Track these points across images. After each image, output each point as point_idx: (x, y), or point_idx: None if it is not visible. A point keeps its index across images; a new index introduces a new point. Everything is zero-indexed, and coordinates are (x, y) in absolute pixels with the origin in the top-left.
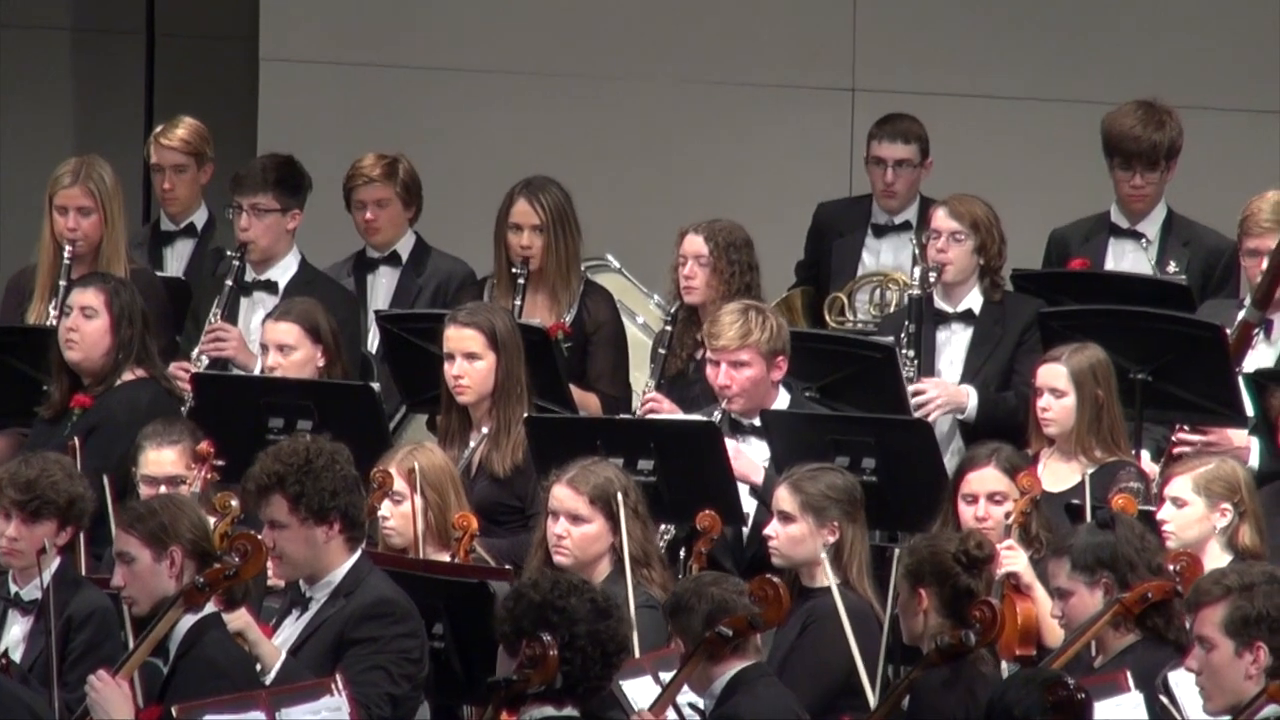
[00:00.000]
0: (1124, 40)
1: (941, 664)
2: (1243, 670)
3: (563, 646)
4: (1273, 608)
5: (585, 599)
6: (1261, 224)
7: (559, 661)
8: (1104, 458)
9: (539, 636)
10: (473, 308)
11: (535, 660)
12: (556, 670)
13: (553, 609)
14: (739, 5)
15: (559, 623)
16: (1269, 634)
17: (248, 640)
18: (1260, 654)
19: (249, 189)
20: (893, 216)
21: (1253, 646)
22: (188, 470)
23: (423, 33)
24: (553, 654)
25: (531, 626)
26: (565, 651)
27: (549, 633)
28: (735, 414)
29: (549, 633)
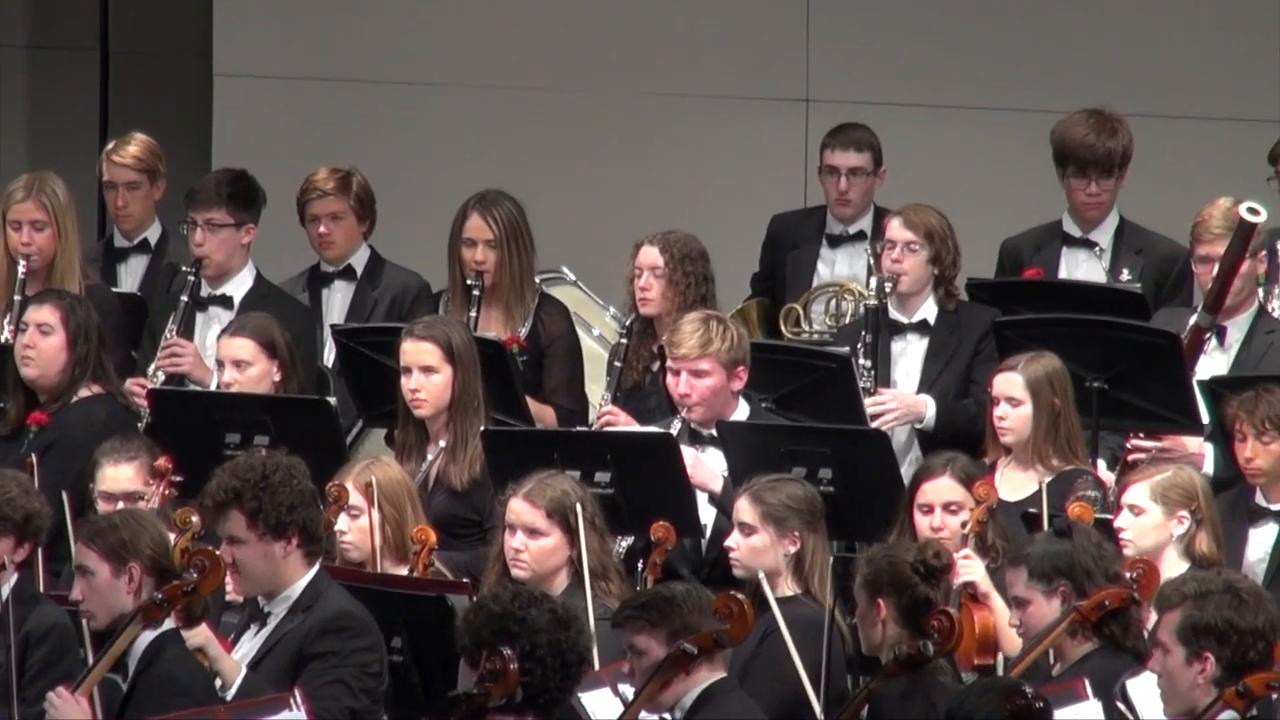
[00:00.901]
0: (1073, 50)
1: (900, 674)
2: (1192, 679)
3: (523, 657)
4: (1222, 620)
5: (545, 610)
6: (1213, 230)
7: (520, 674)
8: (1061, 466)
9: (499, 649)
10: (428, 321)
11: (496, 673)
12: (517, 683)
13: (513, 620)
14: (692, 17)
15: (520, 634)
16: (1217, 645)
17: (208, 656)
18: (1207, 665)
19: (203, 204)
20: (847, 226)
21: (1200, 656)
22: (145, 486)
23: (376, 47)
24: (513, 667)
25: (492, 638)
26: (526, 663)
27: (509, 645)
28: (695, 424)
29: (509, 645)
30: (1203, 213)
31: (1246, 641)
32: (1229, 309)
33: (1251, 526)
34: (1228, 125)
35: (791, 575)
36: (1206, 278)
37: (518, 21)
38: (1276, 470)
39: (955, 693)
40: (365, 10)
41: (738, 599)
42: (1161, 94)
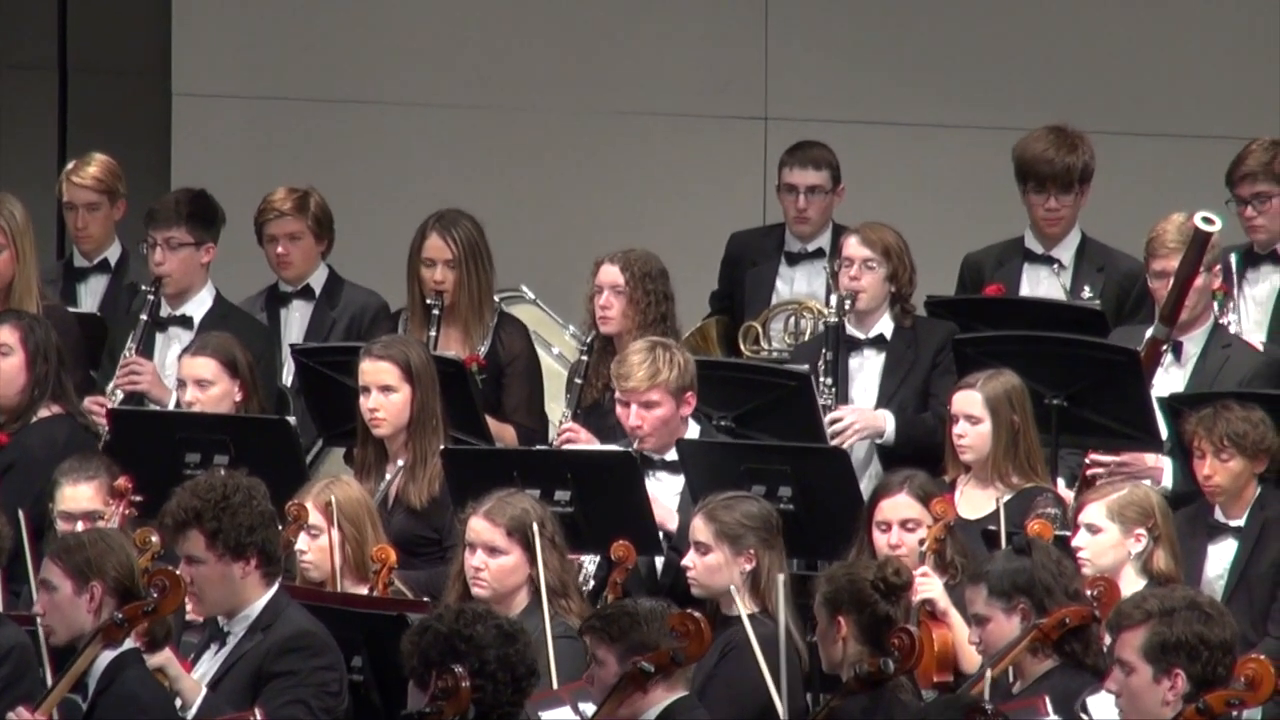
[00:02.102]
0: (1034, 67)
1: (861, 692)
2: (1160, 696)
3: (474, 674)
4: (1191, 635)
5: (491, 625)
6: (1167, 244)
7: (471, 691)
8: (1020, 484)
9: (450, 668)
10: (387, 340)
11: (448, 691)
12: (470, 701)
13: (460, 638)
14: (650, 35)
15: (468, 651)
16: (1187, 661)
17: (168, 676)
18: (1178, 681)
19: (162, 223)
20: (806, 244)
21: (1170, 673)
22: (105, 506)
23: (335, 66)
24: (465, 685)
25: (440, 658)
26: (477, 679)
27: (459, 663)
28: (646, 451)
29: (459, 663)
30: (1157, 228)
31: (1216, 656)
32: (1185, 324)
33: (1210, 543)
34: (1191, 142)
35: (748, 593)
36: (1162, 293)
37: (477, 41)
38: (1235, 487)
39: (916, 710)
40: (325, 29)
41: (694, 617)
42: (1124, 111)
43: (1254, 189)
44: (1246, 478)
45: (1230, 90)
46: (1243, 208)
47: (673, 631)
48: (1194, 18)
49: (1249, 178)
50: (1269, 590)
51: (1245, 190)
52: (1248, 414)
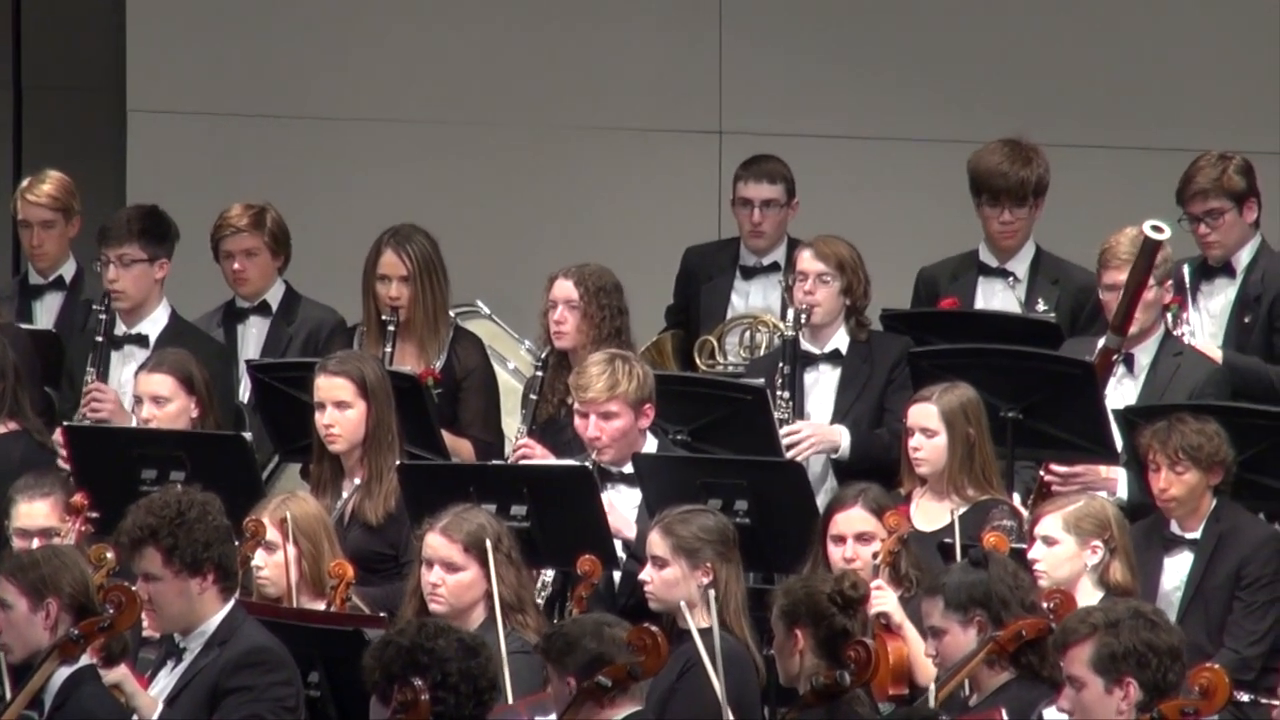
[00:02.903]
0: (987, 80)
1: (817, 704)
2: (1114, 707)
3: (436, 686)
4: (1139, 643)
5: (453, 639)
6: (1120, 256)
7: (432, 704)
8: (976, 496)
9: (409, 680)
10: (342, 356)
11: (407, 705)
12: (429, 713)
13: (422, 651)
14: (605, 49)
15: (430, 664)
16: (1137, 669)
17: (124, 692)
18: (1130, 689)
19: (115, 240)
20: (761, 258)
21: (1122, 682)
22: (61, 522)
23: (290, 82)
24: (424, 697)
25: (402, 671)
26: (439, 691)
27: (420, 676)
28: (604, 463)
29: (420, 676)
30: (1109, 240)
31: (1165, 662)
32: (1135, 336)
33: (1166, 555)
34: (1145, 155)
35: (705, 607)
36: (1114, 304)
37: (431, 57)
38: (1190, 500)
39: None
40: (280, 46)
41: (651, 631)
42: (1079, 124)
43: (1205, 206)
44: (1201, 490)
45: (1184, 103)
46: (1196, 225)
47: (630, 645)
48: (1148, 32)
49: (1200, 195)
50: (1225, 603)
51: (1197, 208)
52: (1202, 426)
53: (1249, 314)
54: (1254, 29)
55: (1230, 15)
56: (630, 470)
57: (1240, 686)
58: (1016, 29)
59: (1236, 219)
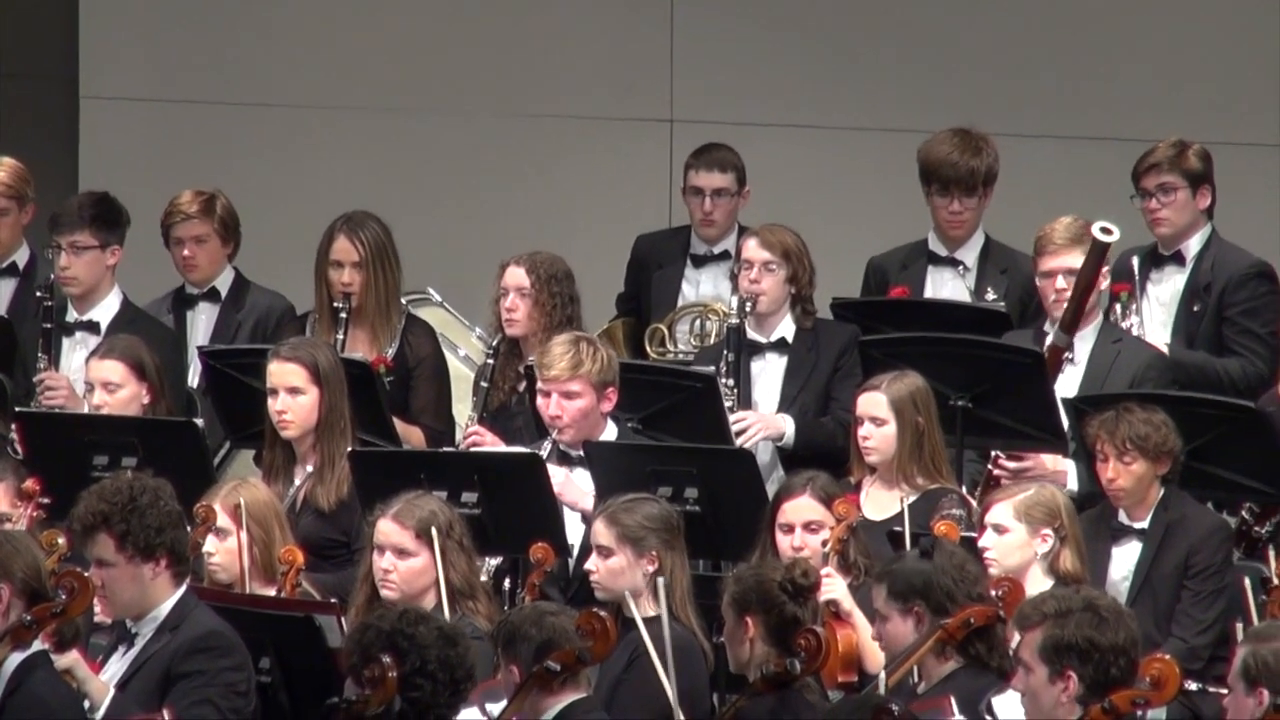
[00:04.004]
0: (937, 70)
1: (768, 692)
2: (1056, 697)
3: (414, 673)
4: (1082, 638)
5: (433, 627)
6: (1055, 242)
7: (401, 683)
8: (926, 485)
9: (379, 659)
10: (295, 342)
11: (375, 680)
12: (396, 691)
13: (402, 636)
14: (556, 38)
15: (408, 650)
16: (1078, 663)
17: (76, 677)
18: (1070, 682)
19: (66, 227)
20: (711, 246)
21: (1064, 674)
22: (13, 508)
23: (242, 70)
24: (392, 675)
25: (380, 654)
26: (416, 678)
27: (393, 658)
28: (564, 445)
29: (393, 658)
30: (1045, 228)
31: (1108, 659)
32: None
33: (1114, 544)
34: (1093, 145)
35: (652, 595)
36: (1049, 290)
37: (382, 44)
38: (1138, 490)
39: (823, 710)
40: (232, 33)
41: (600, 616)
42: (1028, 114)
43: (1159, 180)
44: (1149, 480)
45: (1132, 94)
46: (1147, 200)
47: (578, 630)
48: (1097, 23)
49: (1155, 169)
50: (1173, 592)
51: (1150, 182)
52: (1149, 416)
53: (1198, 303)
54: (1205, 22)
55: (1180, 8)
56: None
57: (1189, 676)
58: (967, 19)
59: (1189, 200)
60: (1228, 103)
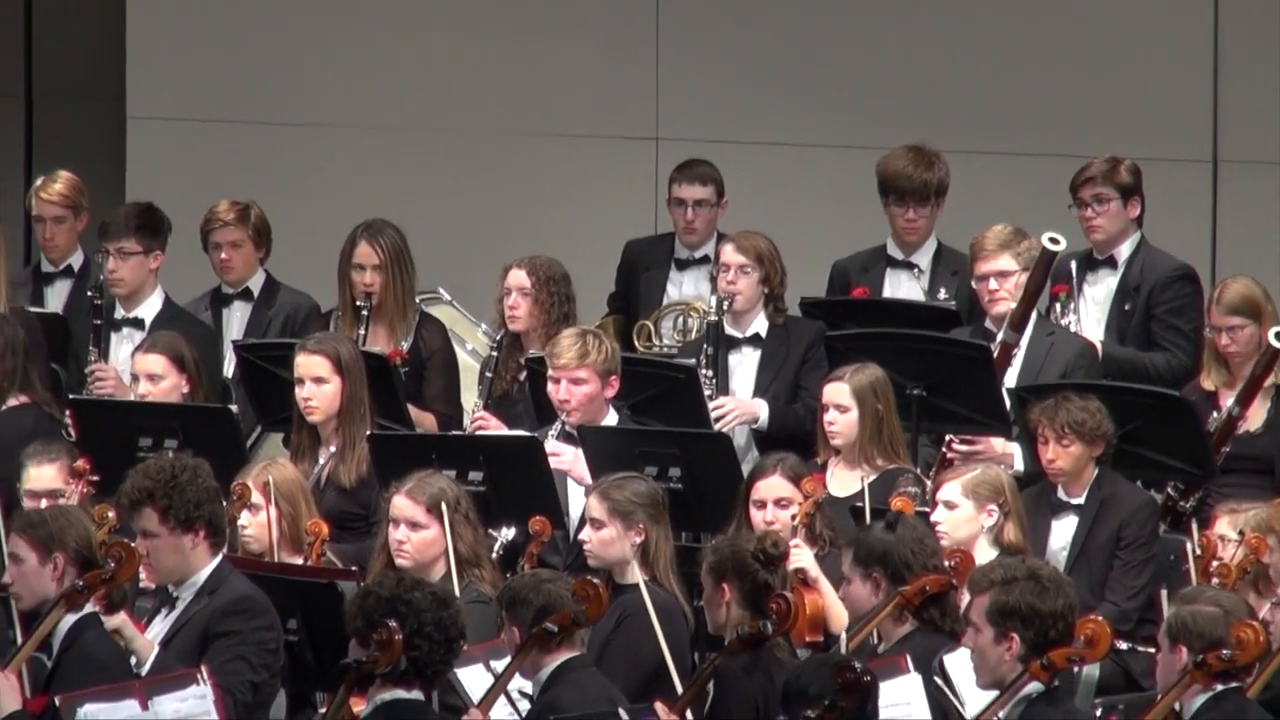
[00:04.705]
0: (894, 93)
1: (742, 651)
2: (1000, 655)
3: (412, 634)
4: (1025, 605)
5: (427, 592)
6: (986, 248)
7: (405, 645)
8: (885, 465)
9: (385, 623)
10: (320, 337)
11: (382, 644)
12: (402, 652)
13: (400, 602)
14: (554, 66)
15: (406, 614)
16: (1021, 626)
17: (124, 636)
18: (1014, 643)
19: (114, 235)
20: (693, 251)
21: (1008, 636)
22: (66, 485)
23: (271, 92)
24: (398, 638)
25: (381, 619)
26: (415, 639)
27: (396, 622)
28: (571, 427)
29: (396, 622)
30: (978, 236)
31: (1048, 623)
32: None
33: (1054, 518)
34: (1035, 160)
35: (639, 564)
36: (984, 291)
37: (399, 71)
38: (1075, 470)
39: (792, 667)
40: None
41: (593, 583)
42: (975, 132)
43: (1094, 191)
44: (1085, 461)
45: (1070, 115)
46: (1083, 209)
47: (574, 595)
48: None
49: (1090, 182)
50: (1106, 561)
51: (1086, 193)
52: (1086, 404)
53: (1129, 302)
54: (1138, 50)
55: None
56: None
57: (1120, 636)
58: (921, 50)
59: (1120, 210)
60: (1158, 123)
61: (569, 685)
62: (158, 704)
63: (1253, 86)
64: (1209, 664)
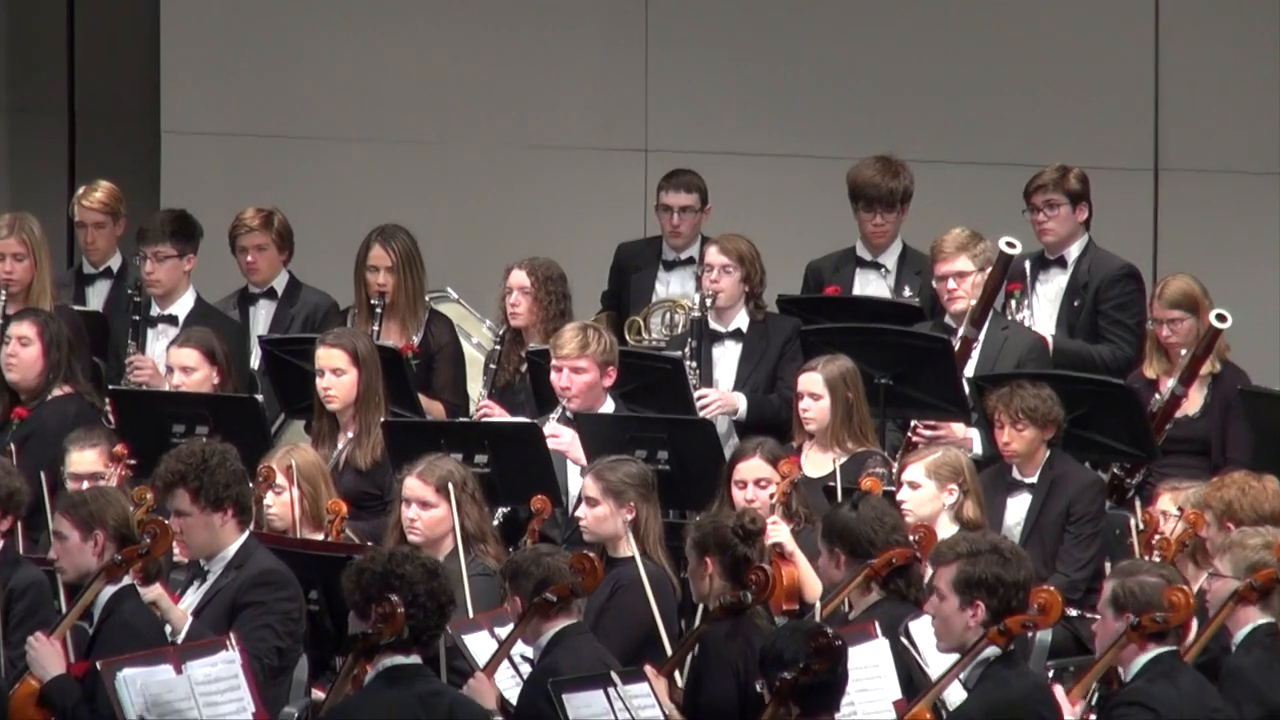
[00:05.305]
0: (863, 109)
1: (724, 618)
2: (965, 621)
3: (409, 605)
4: (991, 575)
5: (417, 565)
6: (945, 251)
7: (406, 617)
8: (855, 448)
9: (387, 597)
10: (339, 332)
11: (386, 617)
12: (404, 624)
13: (394, 576)
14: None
15: (401, 586)
16: (986, 595)
17: (159, 607)
18: (979, 610)
19: (151, 240)
20: (680, 253)
21: (973, 604)
22: (106, 468)
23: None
24: (400, 611)
25: (378, 593)
26: (411, 609)
27: (394, 595)
28: (571, 412)
29: (394, 595)
30: (938, 239)
31: (1010, 592)
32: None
33: (1009, 496)
34: (992, 168)
35: (630, 539)
36: (943, 290)
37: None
38: (1028, 452)
39: (769, 633)
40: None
41: (589, 557)
42: (937, 143)
43: (1045, 197)
44: (1038, 443)
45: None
46: (1035, 214)
47: (571, 568)
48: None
49: (1042, 189)
50: (1057, 535)
51: (1039, 199)
52: (1038, 391)
53: (1077, 298)
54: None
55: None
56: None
57: (1070, 604)
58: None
59: (1070, 215)
60: (1104, 135)
61: (567, 650)
62: (191, 668)
63: (1190, 101)
64: (1144, 625)
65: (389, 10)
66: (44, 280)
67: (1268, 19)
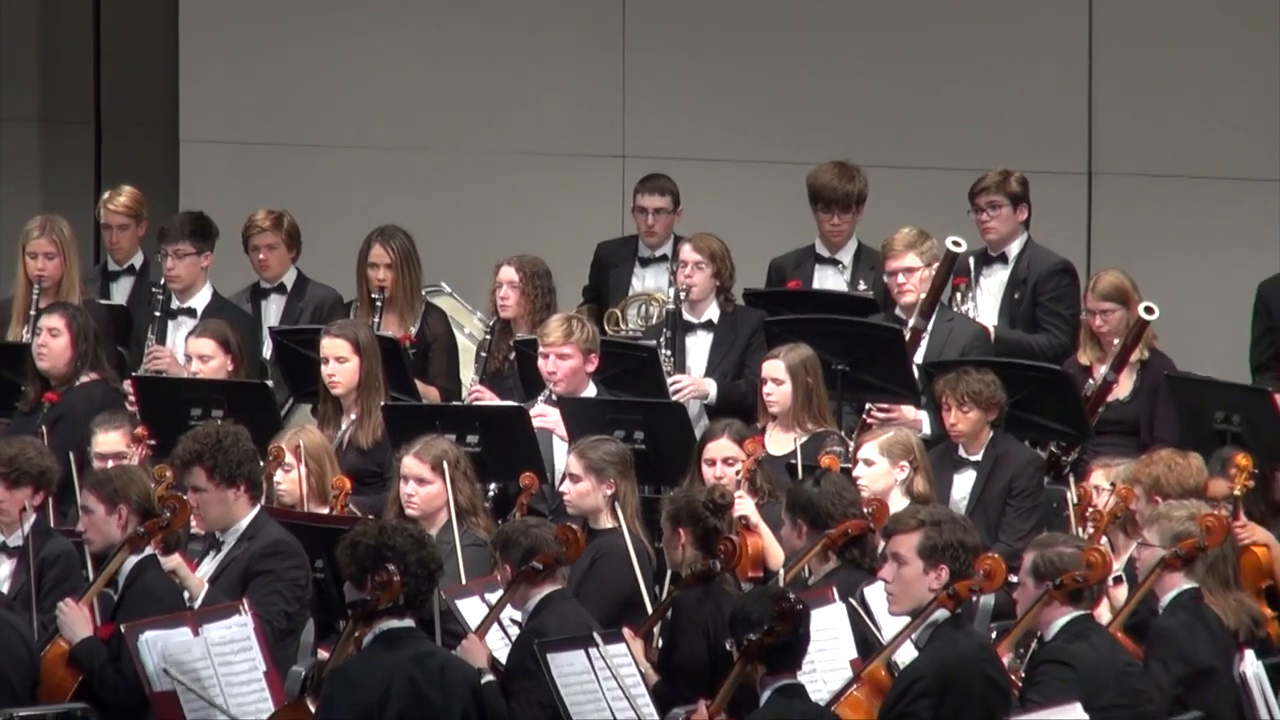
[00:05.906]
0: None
1: (696, 585)
2: (926, 584)
3: (402, 573)
4: (955, 541)
5: (406, 536)
6: (895, 248)
7: (401, 585)
8: (814, 429)
9: (384, 567)
10: (342, 323)
11: (383, 585)
12: (400, 591)
13: (387, 548)
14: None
15: (392, 557)
16: (950, 560)
17: (179, 575)
18: (942, 573)
19: (172, 238)
20: (654, 251)
21: (937, 568)
22: (128, 448)
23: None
24: (396, 579)
25: (373, 564)
26: (405, 577)
27: (390, 564)
28: (557, 395)
29: (390, 564)
30: (888, 238)
31: (968, 558)
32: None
33: (955, 473)
34: (940, 172)
35: (610, 512)
36: (893, 285)
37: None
38: (973, 432)
39: (737, 598)
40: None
41: (572, 529)
42: (890, 149)
43: (988, 199)
44: (982, 424)
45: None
46: (979, 214)
47: (556, 539)
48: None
49: (985, 190)
50: (999, 509)
51: (982, 200)
52: (982, 376)
53: (1017, 292)
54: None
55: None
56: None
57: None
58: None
59: (1011, 215)
60: (1041, 141)
61: (552, 614)
62: (207, 631)
63: (1122, 110)
64: (1064, 584)
65: (382, 29)
66: (73, 277)
67: (1196, 32)
